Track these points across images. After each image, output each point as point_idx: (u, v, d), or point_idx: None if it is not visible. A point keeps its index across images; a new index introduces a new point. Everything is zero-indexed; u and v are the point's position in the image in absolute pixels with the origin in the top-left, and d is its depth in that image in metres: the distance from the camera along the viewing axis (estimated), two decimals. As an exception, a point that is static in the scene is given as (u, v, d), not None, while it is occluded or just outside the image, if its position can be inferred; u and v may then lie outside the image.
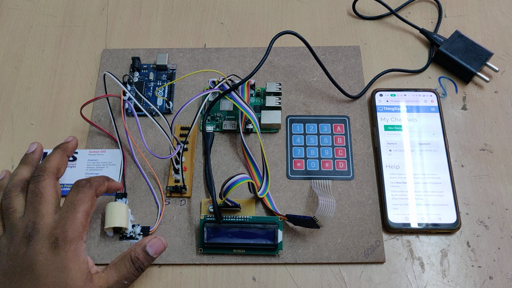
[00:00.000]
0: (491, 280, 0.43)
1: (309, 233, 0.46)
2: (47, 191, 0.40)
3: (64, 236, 0.38)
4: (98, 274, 0.39)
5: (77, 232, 0.38)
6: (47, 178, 0.41)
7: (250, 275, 0.44)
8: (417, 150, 0.49)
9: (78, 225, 0.38)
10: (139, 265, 0.40)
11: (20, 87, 0.55)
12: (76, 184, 0.41)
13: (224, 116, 0.52)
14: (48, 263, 0.37)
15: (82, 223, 0.39)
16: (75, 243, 0.38)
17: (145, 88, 0.53)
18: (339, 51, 0.56)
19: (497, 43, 0.56)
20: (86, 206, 0.39)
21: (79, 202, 0.39)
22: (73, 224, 0.38)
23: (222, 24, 0.59)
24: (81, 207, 0.39)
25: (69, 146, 0.45)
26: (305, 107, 0.52)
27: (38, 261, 0.37)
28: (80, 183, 0.40)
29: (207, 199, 0.47)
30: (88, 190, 0.40)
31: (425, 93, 0.52)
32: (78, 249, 0.38)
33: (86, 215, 0.39)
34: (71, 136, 0.47)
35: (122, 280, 0.39)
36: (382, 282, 0.44)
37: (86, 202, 0.40)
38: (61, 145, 0.45)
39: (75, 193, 0.40)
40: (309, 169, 0.49)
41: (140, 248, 0.41)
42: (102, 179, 0.42)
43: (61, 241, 0.37)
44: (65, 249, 0.37)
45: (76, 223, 0.38)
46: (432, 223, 0.45)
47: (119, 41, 0.58)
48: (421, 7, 0.59)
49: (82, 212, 0.39)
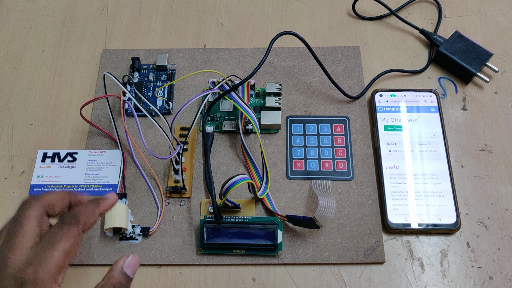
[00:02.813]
0: (491, 281, 0.43)
1: (309, 233, 0.46)
2: (28, 221, 0.34)
3: (34, 278, 0.32)
4: None
5: (50, 274, 0.32)
6: (34, 208, 0.35)
7: (250, 276, 0.44)
8: (417, 151, 0.49)
9: (53, 266, 0.32)
10: None
11: (20, 87, 0.55)
12: (60, 218, 0.35)
13: (224, 116, 0.52)
14: None
15: (57, 265, 0.33)
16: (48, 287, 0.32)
17: (145, 88, 0.53)
18: (339, 51, 0.56)
19: (497, 44, 0.56)
20: (66, 245, 0.33)
21: (59, 240, 0.33)
22: (47, 265, 0.32)
23: (222, 25, 0.59)
24: (60, 245, 0.33)
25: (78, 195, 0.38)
26: (305, 107, 0.52)
27: None
28: (65, 219, 0.35)
29: (207, 200, 0.47)
30: (73, 227, 0.34)
31: (425, 93, 0.52)
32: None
33: (65, 255, 0.33)
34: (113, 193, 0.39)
35: None
36: (382, 283, 0.44)
37: (67, 240, 0.33)
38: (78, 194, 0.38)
39: (57, 229, 0.34)
40: (309, 169, 0.49)
41: (119, 273, 0.35)
42: (91, 209, 0.36)
43: (30, 284, 0.32)
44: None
45: (50, 264, 0.32)
46: (432, 224, 0.45)
47: (119, 42, 0.58)
48: (421, 7, 0.59)
49: (60, 251, 0.33)
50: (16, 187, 0.49)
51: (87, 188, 0.48)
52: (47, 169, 0.49)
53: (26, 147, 0.51)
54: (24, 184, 0.49)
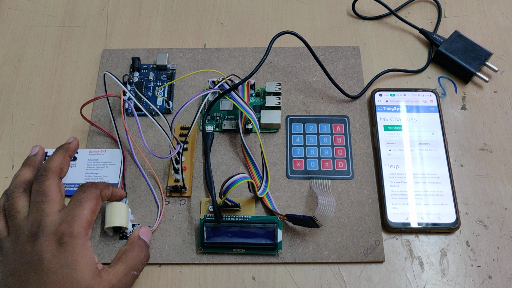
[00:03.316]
0: (490, 280, 0.43)
1: (309, 232, 0.46)
2: (51, 190, 0.40)
3: (70, 231, 0.38)
4: (105, 269, 0.39)
5: (83, 228, 0.39)
6: (51, 178, 0.41)
7: (249, 275, 0.44)
8: (417, 150, 0.49)
9: (84, 221, 0.39)
10: (145, 254, 0.42)
11: (20, 87, 0.55)
12: (82, 185, 0.42)
13: (224, 116, 0.52)
14: (55, 260, 0.37)
15: (87, 220, 0.39)
16: (81, 238, 0.38)
17: (145, 88, 0.53)
18: (339, 51, 0.56)
19: (496, 43, 0.56)
20: (91, 204, 0.40)
21: (85, 199, 0.40)
22: (79, 220, 0.39)
23: (222, 24, 0.59)
24: (86, 204, 0.40)
25: (70, 146, 0.46)
26: (305, 107, 0.52)
27: (45, 258, 0.37)
28: (86, 184, 0.41)
29: (207, 199, 0.47)
30: (94, 190, 0.41)
31: (425, 93, 0.52)
32: (85, 245, 0.38)
33: (91, 212, 0.40)
34: (72, 137, 0.48)
35: (130, 271, 0.40)
36: (382, 282, 0.44)
37: (91, 200, 0.40)
38: (63, 145, 0.46)
39: (81, 192, 0.41)
40: (308, 168, 0.49)
41: (137, 239, 0.43)
42: (106, 184, 0.43)
43: (67, 236, 0.38)
44: (72, 244, 0.37)
45: (82, 219, 0.39)
46: (431, 223, 0.45)
47: (119, 41, 0.58)
48: (421, 7, 0.59)
49: (88, 209, 0.39)
50: (16, 187, 0.49)
51: (87, 188, 0.48)
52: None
53: (26, 146, 0.51)
54: (25, 183, 0.49)
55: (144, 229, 0.44)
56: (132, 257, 0.41)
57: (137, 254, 0.41)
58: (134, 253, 0.41)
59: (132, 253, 0.41)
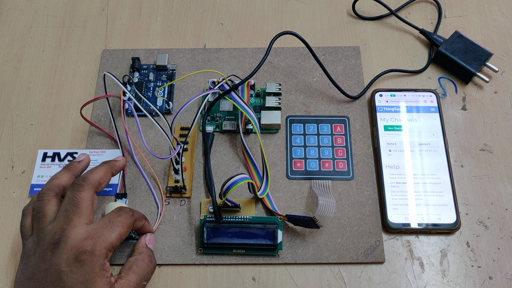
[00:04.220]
0: (490, 280, 0.43)
1: (309, 233, 0.46)
2: (84, 202, 0.39)
3: (92, 250, 0.37)
4: (119, 282, 0.39)
5: (105, 249, 0.38)
6: (87, 190, 0.40)
7: (250, 275, 0.44)
8: (417, 151, 0.49)
9: (109, 243, 0.38)
10: (154, 263, 0.42)
11: (20, 87, 0.55)
12: (120, 207, 0.41)
13: (224, 116, 0.52)
14: (73, 275, 0.36)
15: (112, 244, 0.38)
16: (101, 259, 0.37)
17: (145, 88, 0.53)
18: (339, 51, 0.56)
19: (496, 44, 0.56)
20: (122, 230, 0.39)
21: (117, 223, 0.39)
22: (104, 241, 0.38)
23: (222, 25, 0.59)
24: (117, 228, 0.39)
25: (117, 164, 0.45)
26: (305, 107, 0.52)
27: (63, 271, 0.36)
28: (124, 209, 0.41)
29: (207, 199, 0.47)
30: (130, 218, 0.40)
31: (425, 93, 0.52)
32: (103, 266, 0.37)
33: (119, 237, 0.39)
34: (121, 157, 0.47)
35: (141, 282, 0.40)
36: (382, 282, 0.44)
37: (123, 227, 0.39)
38: (110, 161, 0.45)
39: (118, 215, 0.40)
40: (309, 169, 0.49)
41: (146, 248, 0.43)
42: (142, 216, 0.43)
43: (88, 254, 0.37)
44: (91, 263, 0.37)
45: (107, 241, 0.38)
46: (431, 223, 0.45)
47: (119, 42, 0.58)
48: (421, 7, 0.59)
49: (117, 233, 0.39)
50: (16, 187, 0.49)
51: (87, 188, 0.48)
52: (47, 169, 0.49)
53: (26, 147, 0.51)
54: (25, 184, 0.49)
55: (150, 238, 0.44)
56: (143, 267, 0.41)
57: (147, 265, 0.41)
58: (144, 263, 0.41)
59: (143, 264, 0.41)
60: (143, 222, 0.43)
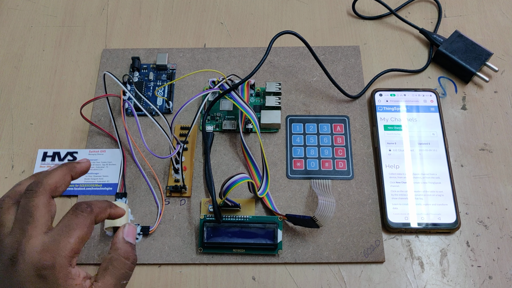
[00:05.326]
0: (490, 280, 0.43)
1: (309, 232, 0.46)
2: (38, 210, 0.35)
3: (52, 263, 0.33)
4: (94, 286, 0.35)
5: (66, 258, 0.34)
6: (41, 195, 0.36)
7: (249, 275, 0.44)
8: (417, 150, 0.49)
9: (68, 251, 0.34)
10: (133, 259, 0.38)
11: (20, 87, 0.55)
12: (75, 206, 0.36)
13: (224, 116, 0.52)
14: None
15: (73, 249, 0.34)
16: (63, 270, 0.34)
17: (145, 88, 0.53)
18: (339, 51, 0.56)
19: (496, 43, 0.56)
20: (81, 233, 0.35)
21: (74, 227, 0.35)
22: (63, 251, 0.34)
23: (222, 24, 0.59)
24: (75, 232, 0.35)
25: (77, 166, 0.40)
26: (305, 107, 0.52)
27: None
28: (80, 206, 0.36)
29: (207, 199, 0.47)
30: (88, 215, 0.36)
31: (425, 93, 0.52)
32: (68, 276, 0.34)
33: (79, 241, 0.35)
34: (85, 159, 0.41)
35: (120, 282, 0.37)
36: (382, 282, 0.44)
37: (82, 229, 0.35)
38: (69, 163, 0.40)
39: (73, 216, 0.35)
40: (308, 168, 0.49)
41: (123, 243, 0.38)
42: (104, 206, 0.38)
43: (48, 269, 0.33)
44: (53, 277, 0.33)
45: (66, 250, 0.34)
46: (431, 223, 0.45)
47: (119, 41, 0.58)
48: (421, 7, 0.59)
49: (75, 237, 0.35)
50: (16, 187, 0.49)
51: (87, 188, 0.48)
52: (47, 168, 0.49)
53: (26, 146, 0.51)
54: (24, 183, 0.49)
55: (128, 229, 0.39)
56: (119, 266, 0.37)
57: (124, 263, 0.37)
58: (120, 261, 0.37)
59: (119, 262, 0.37)
60: (108, 211, 0.38)
